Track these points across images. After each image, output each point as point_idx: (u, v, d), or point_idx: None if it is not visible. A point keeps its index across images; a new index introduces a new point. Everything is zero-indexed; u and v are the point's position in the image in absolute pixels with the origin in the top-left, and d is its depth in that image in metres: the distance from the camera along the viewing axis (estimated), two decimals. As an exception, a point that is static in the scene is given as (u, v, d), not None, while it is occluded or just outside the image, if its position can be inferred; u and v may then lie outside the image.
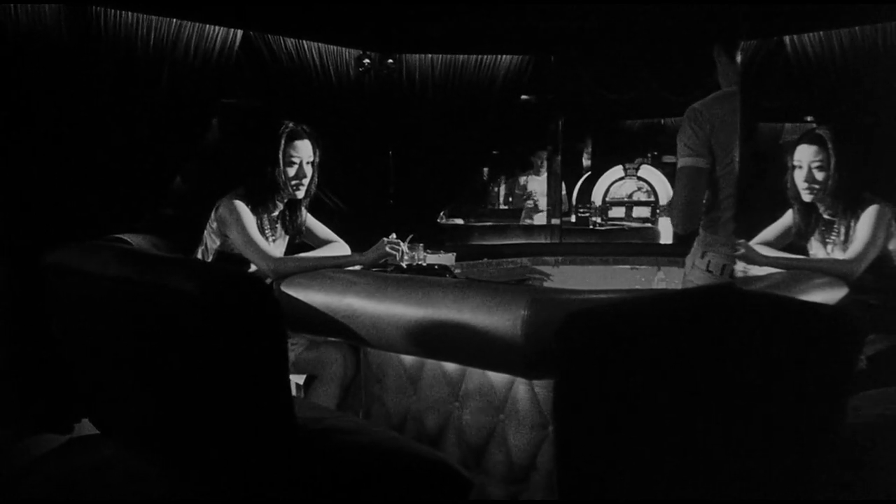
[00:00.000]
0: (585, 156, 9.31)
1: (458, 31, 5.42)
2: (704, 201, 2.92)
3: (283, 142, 3.18)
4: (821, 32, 4.83)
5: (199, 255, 3.27)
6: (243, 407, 1.66)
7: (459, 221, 7.77)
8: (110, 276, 1.78)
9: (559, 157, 6.84)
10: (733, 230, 2.95)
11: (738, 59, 2.94)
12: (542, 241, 6.51)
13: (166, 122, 4.29)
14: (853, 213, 3.14)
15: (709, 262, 2.89)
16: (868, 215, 3.10)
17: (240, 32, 4.63)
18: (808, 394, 1.46)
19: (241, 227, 3.10)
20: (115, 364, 1.87)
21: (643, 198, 7.66)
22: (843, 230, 3.17)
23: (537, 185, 7.95)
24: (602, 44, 5.62)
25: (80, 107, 3.94)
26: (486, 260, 4.65)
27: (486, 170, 9.41)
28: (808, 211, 3.25)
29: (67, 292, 1.95)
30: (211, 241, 3.23)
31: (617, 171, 7.81)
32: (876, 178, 3.48)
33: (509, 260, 4.62)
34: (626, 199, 7.71)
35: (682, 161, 2.86)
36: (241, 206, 3.15)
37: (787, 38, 4.96)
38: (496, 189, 9.33)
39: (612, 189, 7.76)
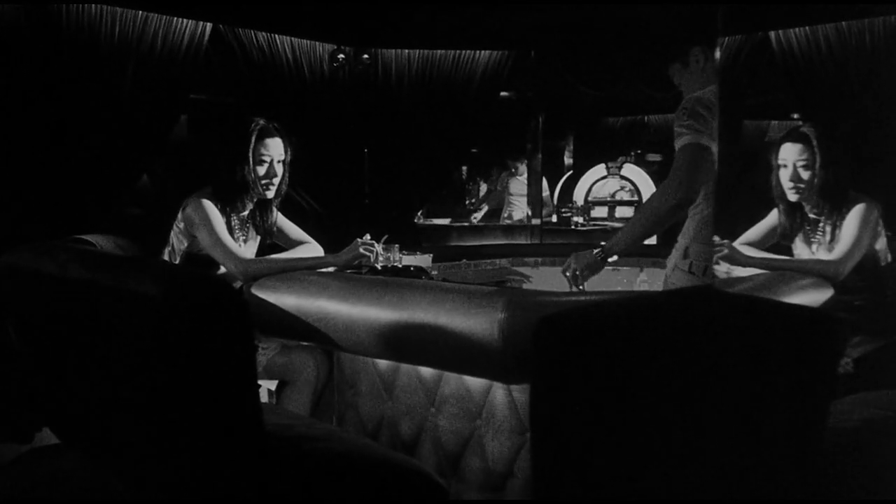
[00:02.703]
0: (567, 154, 9.36)
1: (436, 26, 5.42)
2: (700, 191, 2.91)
3: (253, 140, 3.17)
4: (807, 28, 4.86)
5: (166, 257, 3.25)
6: (210, 415, 1.65)
7: (440, 221, 7.79)
8: (70, 279, 1.76)
9: (540, 156, 6.86)
10: (714, 230, 2.97)
11: (717, 55, 2.96)
12: (522, 241, 6.52)
13: (132, 119, 4.27)
14: (839, 212, 3.16)
15: (691, 263, 2.90)
16: (854, 214, 3.12)
17: (209, 26, 4.61)
18: (790, 397, 1.47)
19: (209, 228, 3.09)
20: (76, 371, 1.85)
21: (626, 197, 7.70)
22: (828, 230, 3.19)
23: (517, 185, 7.97)
24: (583, 39, 5.64)
25: (41, 103, 3.91)
26: (464, 261, 4.64)
27: (464, 168, 9.44)
28: (793, 210, 3.27)
29: (25, 296, 1.93)
30: (178, 242, 3.21)
31: (599, 169, 7.85)
32: (863, 175, 3.51)
33: (488, 261, 4.62)
34: (608, 199, 7.75)
35: (688, 138, 2.80)
36: (210, 206, 3.13)
37: (772, 34, 5.00)
38: (475, 188, 9.36)
39: (594, 188, 7.80)
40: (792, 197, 3.21)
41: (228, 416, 1.66)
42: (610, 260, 2.91)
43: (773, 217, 3.36)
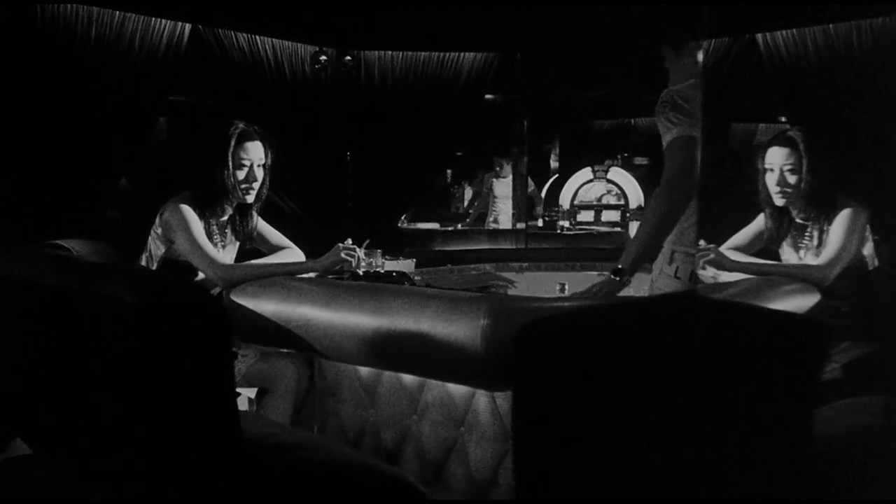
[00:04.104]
0: (553, 157, 9.38)
1: (420, 27, 5.43)
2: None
3: (232, 143, 3.17)
4: (794, 30, 4.90)
5: (144, 263, 3.24)
6: (187, 423, 1.65)
7: (425, 226, 7.79)
8: (45, 285, 1.76)
9: (525, 159, 6.87)
10: (697, 234, 2.98)
11: (700, 56, 2.98)
12: (507, 246, 6.53)
13: (109, 121, 4.25)
14: (826, 216, 3.17)
15: (676, 267, 2.92)
16: (841, 219, 3.13)
17: (188, 26, 4.61)
18: (775, 403, 1.48)
19: (187, 233, 3.08)
20: (50, 379, 1.85)
21: (613, 201, 7.73)
22: (816, 235, 3.21)
23: (502, 187, 7.98)
24: (569, 41, 5.66)
25: (15, 105, 3.89)
26: (448, 266, 4.65)
27: (449, 172, 9.45)
28: (780, 215, 3.29)
29: (-1, 302, 1.92)
30: (156, 248, 3.20)
31: (585, 173, 7.86)
32: (850, 180, 3.53)
33: (472, 266, 4.63)
34: (595, 203, 7.78)
35: (677, 131, 2.81)
36: (188, 211, 3.13)
37: (759, 36, 5.03)
38: (460, 192, 9.38)
39: (580, 192, 7.81)
40: (779, 201, 3.23)
41: (206, 425, 1.67)
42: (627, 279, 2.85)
43: (759, 221, 3.37)
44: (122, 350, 1.63)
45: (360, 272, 3.22)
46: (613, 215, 7.61)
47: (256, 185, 3.24)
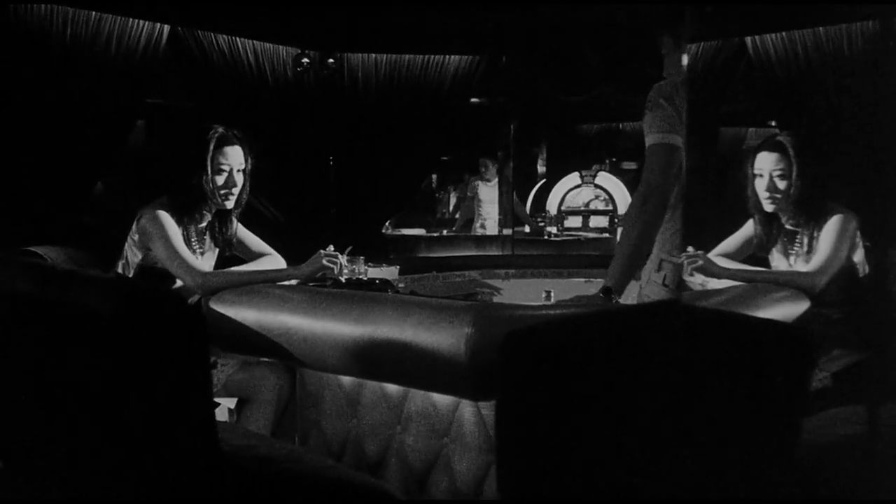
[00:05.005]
0: (540, 162, 9.40)
1: (404, 29, 5.44)
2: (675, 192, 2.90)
3: (211, 148, 3.16)
4: (783, 33, 4.93)
5: (120, 270, 3.22)
6: (164, 435, 1.64)
7: (409, 231, 7.79)
8: (17, 293, 1.75)
9: (511, 164, 6.89)
10: (682, 241, 2.98)
11: (685, 56, 2.99)
12: (493, 252, 6.54)
13: (85, 124, 4.23)
14: (816, 223, 3.19)
15: (665, 275, 2.92)
16: (831, 226, 3.15)
17: (167, 28, 4.60)
18: (761, 412, 1.49)
19: (164, 240, 3.07)
20: (20, 390, 1.84)
21: (601, 206, 7.76)
22: (806, 241, 3.22)
23: (488, 191, 8.00)
24: (557, 44, 5.68)
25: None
26: (433, 273, 4.66)
27: (434, 177, 9.45)
28: (769, 221, 3.30)
29: (-30, 311, 1.91)
30: (132, 255, 3.19)
31: (573, 178, 7.89)
32: (841, 185, 3.55)
33: (457, 273, 4.64)
34: (582, 208, 7.80)
35: (653, 138, 2.81)
36: (165, 217, 3.11)
37: (748, 40, 5.06)
38: (445, 197, 9.38)
39: (567, 197, 7.84)
40: (768, 207, 3.24)
41: (184, 436, 1.66)
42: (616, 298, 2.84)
43: (749, 228, 3.39)
44: (98, 360, 1.62)
45: (343, 279, 3.21)
46: (601, 221, 7.64)
47: (236, 191, 3.23)
